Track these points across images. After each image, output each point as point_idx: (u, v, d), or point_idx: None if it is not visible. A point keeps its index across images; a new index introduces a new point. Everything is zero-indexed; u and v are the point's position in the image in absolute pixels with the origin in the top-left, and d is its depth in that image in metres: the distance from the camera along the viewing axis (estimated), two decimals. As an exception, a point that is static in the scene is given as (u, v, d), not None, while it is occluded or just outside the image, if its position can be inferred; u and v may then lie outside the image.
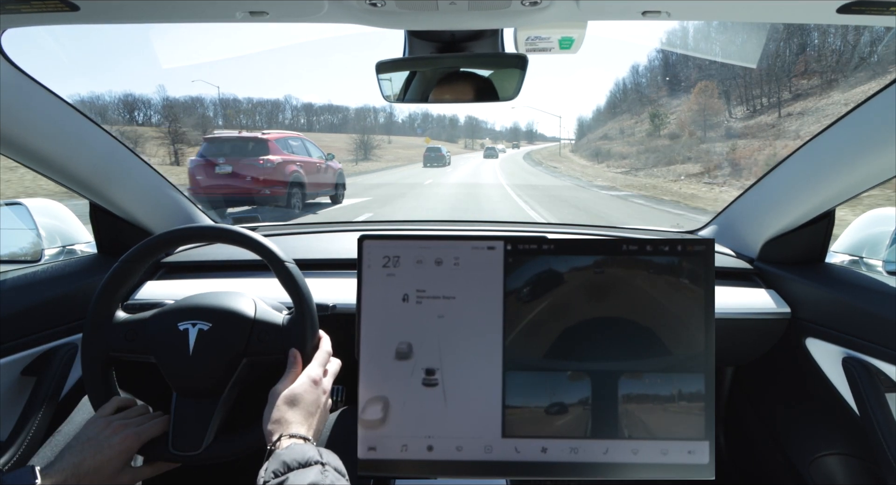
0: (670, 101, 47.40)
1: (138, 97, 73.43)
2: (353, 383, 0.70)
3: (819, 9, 0.66)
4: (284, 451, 0.56)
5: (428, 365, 0.52)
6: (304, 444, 0.58)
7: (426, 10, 0.69)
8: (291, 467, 0.53)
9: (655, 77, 58.98)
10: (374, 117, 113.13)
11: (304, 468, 0.53)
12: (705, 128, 34.34)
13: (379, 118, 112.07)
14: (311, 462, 0.54)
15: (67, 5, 0.66)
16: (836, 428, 0.96)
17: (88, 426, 0.74)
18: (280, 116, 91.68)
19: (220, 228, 0.84)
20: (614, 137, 49.69)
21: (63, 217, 1.28)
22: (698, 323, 0.52)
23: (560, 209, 10.95)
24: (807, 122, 25.96)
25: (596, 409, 0.51)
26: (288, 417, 0.63)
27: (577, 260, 0.53)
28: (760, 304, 1.06)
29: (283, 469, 0.54)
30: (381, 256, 0.53)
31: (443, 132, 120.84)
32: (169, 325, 0.79)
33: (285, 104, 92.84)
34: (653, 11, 0.69)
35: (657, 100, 50.24)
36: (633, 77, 66.26)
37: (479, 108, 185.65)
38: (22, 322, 0.90)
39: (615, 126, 53.89)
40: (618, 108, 61.65)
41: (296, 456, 0.55)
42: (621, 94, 65.97)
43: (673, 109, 43.20)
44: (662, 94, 51.78)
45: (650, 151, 32.89)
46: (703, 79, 40.19)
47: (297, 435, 0.59)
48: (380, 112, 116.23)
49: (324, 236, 1.35)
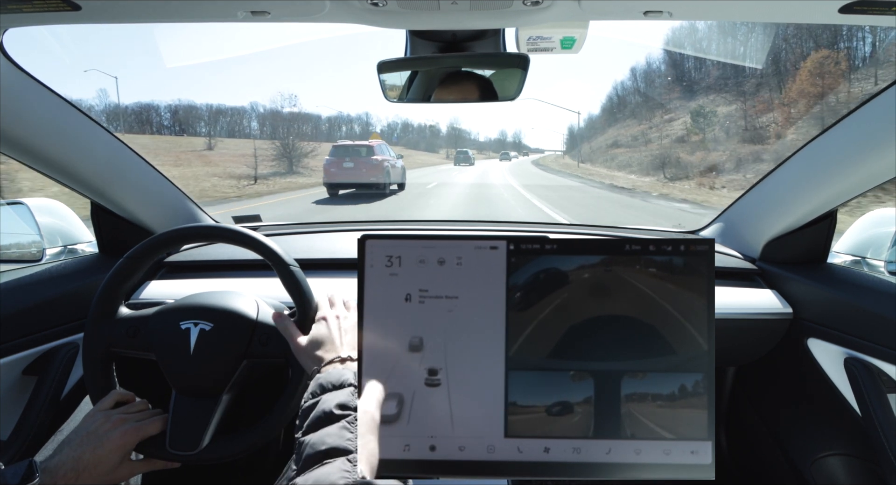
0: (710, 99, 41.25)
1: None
2: None
3: (821, 9, 0.66)
4: (322, 374, 0.60)
5: (431, 365, 0.52)
6: (342, 366, 0.62)
7: (428, 9, 0.69)
8: (326, 389, 0.58)
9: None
10: (350, 126, 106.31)
11: (337, 390, 0.57)
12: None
13: (355, 128, 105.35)
14: (345, 384, 0.58)
15: (69, 5, 0.66)
16: (838, 428, 0.96)
17: (87, 420, 0.74)
18: (247, 123, 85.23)
19: (224, 229, 0.84)
20: (625, 143, 45.44)
21: (64, 216, 1.28)
22: (700, 323, 0.52)
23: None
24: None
25: (599, 409, 0.51)
26: (318, 352, 0.68)
27: (579, 260, 0.52)
28: (762, 304, 1.06)
29: (318, 390, 0.58)
30: (382, 256, 0.53)
31: (421, 141, 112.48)
32: (171, 323, 0.80)
33: (251, 111, 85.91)
34: (654, 11, 0.69)
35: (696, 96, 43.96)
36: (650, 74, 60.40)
37: (465, 117, 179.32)
38: (23, 322, 0.91)
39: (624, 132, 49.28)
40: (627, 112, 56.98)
41: (331, 379, 0.59)
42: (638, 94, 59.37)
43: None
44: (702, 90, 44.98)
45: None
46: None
47: (335, 360, 0.64)
48: (355, 121, 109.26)
49: (325, 236, 1.35)
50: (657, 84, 55.52)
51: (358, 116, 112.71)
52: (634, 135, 45.38)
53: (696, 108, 37.01)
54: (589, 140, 63.77)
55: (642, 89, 57.43)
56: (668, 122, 41.96)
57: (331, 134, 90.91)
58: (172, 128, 73.23)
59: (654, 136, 40.42)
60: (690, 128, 35.23)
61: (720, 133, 32.68)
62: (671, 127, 39.96)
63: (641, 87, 58.43)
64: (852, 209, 1.40)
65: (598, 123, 67.52)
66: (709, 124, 34.13)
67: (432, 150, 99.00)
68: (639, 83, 59.56)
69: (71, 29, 6.40)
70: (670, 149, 32.18)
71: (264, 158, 25.91)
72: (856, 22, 0.69)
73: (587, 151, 57.02)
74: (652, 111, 48.16)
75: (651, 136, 41.39)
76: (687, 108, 39.71)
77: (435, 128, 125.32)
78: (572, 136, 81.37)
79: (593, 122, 71.14)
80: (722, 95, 38.47)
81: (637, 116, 50.50)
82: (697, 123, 35.03)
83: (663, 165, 28.45)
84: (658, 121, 43.54)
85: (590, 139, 63.98)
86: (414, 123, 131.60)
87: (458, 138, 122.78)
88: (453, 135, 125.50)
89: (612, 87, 66.55)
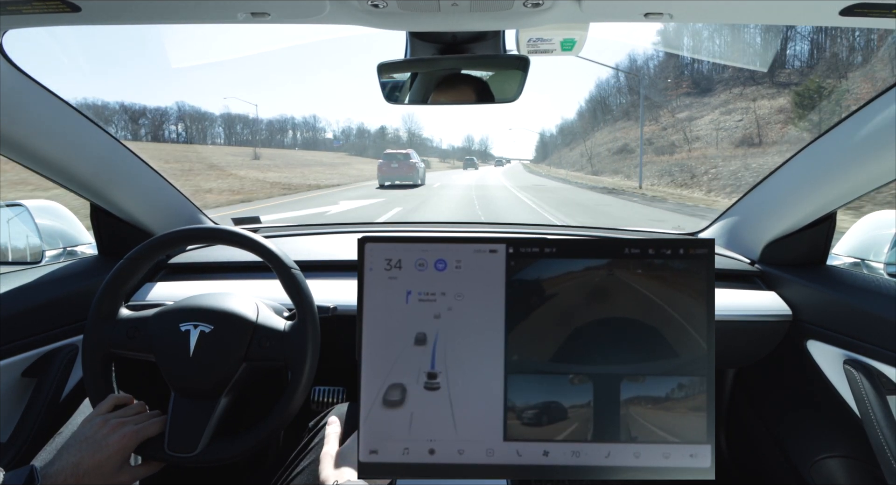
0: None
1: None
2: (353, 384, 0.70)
3: (822, 11, 0.66)
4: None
5: (430, 368, 0.52)
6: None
7: (428, 11, 0.69)
8: None
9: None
10: (296, 132, 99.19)
11: None
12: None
13: (299, 135, 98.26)
14: None
15: (69, 6, 0.66)
16: (838, 430, 0.96)
17: (86, 425, 0.73)
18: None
19: (224, 230, 0.84)
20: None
21: (64, 218, 1.28)
22: (700, 325, 0.52)
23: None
24: None
25: (598, 412, 0.51)
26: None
27: (579, 262, 0.52)
28: (762, 306, 1.06)
29: None
30: (382, 259, 0.53)
31: (371, 147, 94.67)
32: (171, 325, 0.79)
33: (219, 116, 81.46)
34: (655, 13, 0.69)
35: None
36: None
37: (429, 121, 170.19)
38: (22, 324, 0.90)
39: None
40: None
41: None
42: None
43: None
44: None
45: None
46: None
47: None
48: (300, 128, 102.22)
49: (324, 238, 1.35)
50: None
51: (304, 120, 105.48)
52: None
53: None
54: (561, 148, 63.69)
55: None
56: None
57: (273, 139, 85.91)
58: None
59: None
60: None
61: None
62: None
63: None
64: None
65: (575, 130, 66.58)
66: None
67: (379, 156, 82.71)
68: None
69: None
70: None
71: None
72: (856, 24, 0.69)
73: (557, 158, 57.77)
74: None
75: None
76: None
77: (392, 132, 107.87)
78: (543, 143, 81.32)
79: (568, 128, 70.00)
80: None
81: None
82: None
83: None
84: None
85: (562, 147, 63.79)
86: (372, 127, 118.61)
87: (418, 147, 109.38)
88: (414, 143, 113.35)
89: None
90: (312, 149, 78.08)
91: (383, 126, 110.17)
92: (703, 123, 32.44)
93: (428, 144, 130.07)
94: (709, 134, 30.25)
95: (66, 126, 0.92)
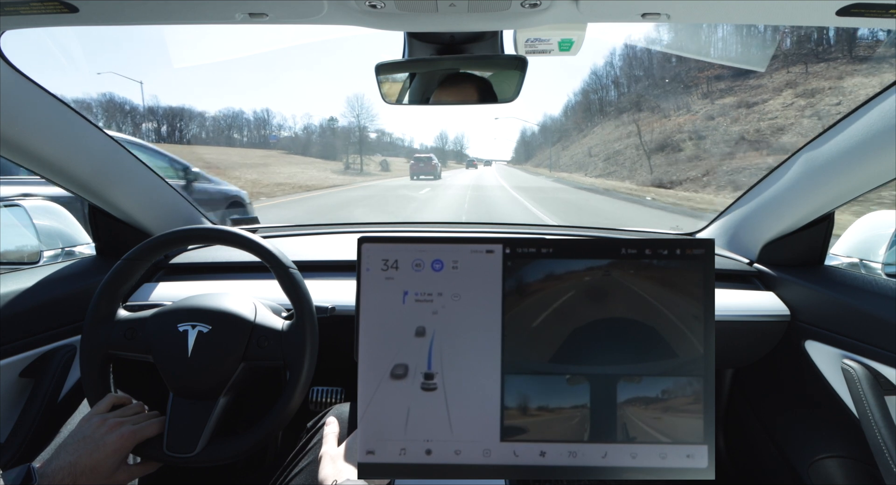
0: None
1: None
2: (352, 384, 0.70)
3: (818, 11, 0.66)
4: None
5: (426, 369, 0.52)
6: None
7: (426, 11, 0.69)
8: None
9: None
10: (250, 129, 79.48)
11: None
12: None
13: (245, 132, 78.98)
14: None
15: (66, 7, 0.66)
16: (836, 431, 0.96)
17: (83, 424, 0.73)
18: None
19: (222, 231, 0.84)
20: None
21: (62, 218, 1.28)
22: (698, 325, 0.52)
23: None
24: None
25: (595, 413, 0.51)
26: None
27: (576, 263, 0.52)
28: (760, 306, 1.06)
29: None
30: (379, 259, 0.53)
31: (312, 146, 71.57)
32: (169, 325, 0.79)
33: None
34: (652, 13, 0.69)
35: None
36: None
37: (400, 123, 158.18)
38: (20, 324, 0.90)
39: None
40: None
41: None
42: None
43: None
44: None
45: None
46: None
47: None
48: (252, 124, 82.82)
49: (323, 238, 1.35)
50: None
51: (258, 116, 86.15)
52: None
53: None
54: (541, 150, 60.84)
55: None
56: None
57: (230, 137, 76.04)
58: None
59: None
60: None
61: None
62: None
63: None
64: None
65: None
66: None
67: (331, 156, 59.86)
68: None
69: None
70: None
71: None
72: (853, 24, 0.69)
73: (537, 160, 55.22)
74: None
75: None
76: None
77: (363, 134, 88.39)
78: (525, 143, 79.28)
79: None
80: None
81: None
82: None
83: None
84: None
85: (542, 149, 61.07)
86: (322, 122, 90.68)
87: (386, 146, 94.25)
88: (384, 141, 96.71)
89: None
90: (261, 147, 66.05)
91: (332, 117, 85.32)
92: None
93: (399, 143, 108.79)
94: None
95: (64, 126, 0.92)
